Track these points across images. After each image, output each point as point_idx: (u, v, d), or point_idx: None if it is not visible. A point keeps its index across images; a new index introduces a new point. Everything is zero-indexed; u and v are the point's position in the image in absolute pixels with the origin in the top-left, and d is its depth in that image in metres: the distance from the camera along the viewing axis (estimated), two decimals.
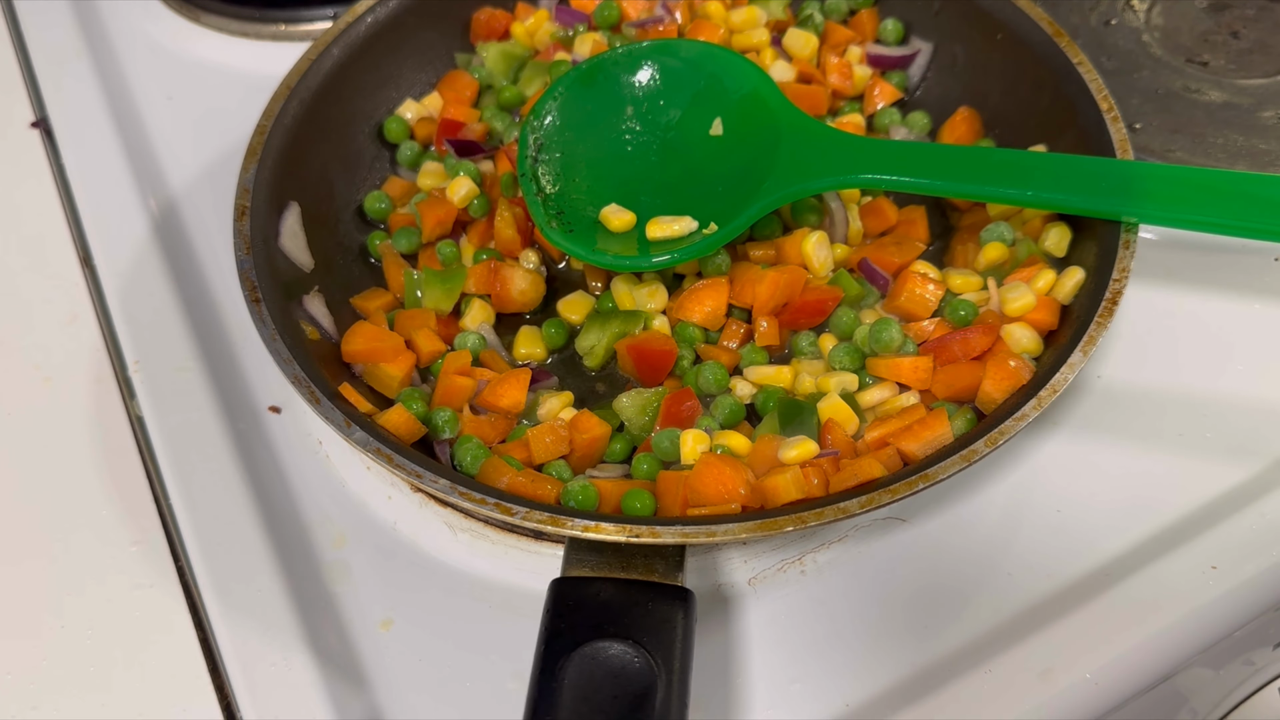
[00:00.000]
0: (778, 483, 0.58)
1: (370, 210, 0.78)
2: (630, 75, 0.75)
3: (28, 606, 0.65)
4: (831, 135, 0.70)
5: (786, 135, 0.70)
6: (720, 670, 0.60)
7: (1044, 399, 0.58)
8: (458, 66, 0.85)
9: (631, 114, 0.74)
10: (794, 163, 0.69)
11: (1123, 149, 0.67)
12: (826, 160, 0.68)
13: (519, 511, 0.55)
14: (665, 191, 0.72)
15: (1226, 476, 0.65)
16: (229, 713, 0.60)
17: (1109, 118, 0.68)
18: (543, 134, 0.73)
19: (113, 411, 0.73)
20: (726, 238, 0.67)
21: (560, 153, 0.73)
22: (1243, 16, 0.87)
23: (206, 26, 0.96)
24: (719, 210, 0.69)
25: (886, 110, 0.80)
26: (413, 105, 0.82)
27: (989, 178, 0.66)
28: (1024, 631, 0.60)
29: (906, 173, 0.67)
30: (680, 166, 0.73)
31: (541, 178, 0.71)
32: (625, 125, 0.74)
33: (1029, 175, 0.66)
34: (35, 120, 0.91)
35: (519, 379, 0.66)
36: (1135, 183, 0.64)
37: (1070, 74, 0.71)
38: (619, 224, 0.69)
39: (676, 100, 0.74)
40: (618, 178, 0.72)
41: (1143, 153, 0.77)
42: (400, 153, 0.81)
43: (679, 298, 0.70)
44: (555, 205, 0.71)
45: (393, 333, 0.69)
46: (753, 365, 0.68)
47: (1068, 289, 0.65)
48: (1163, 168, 0.66)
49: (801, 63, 0.80)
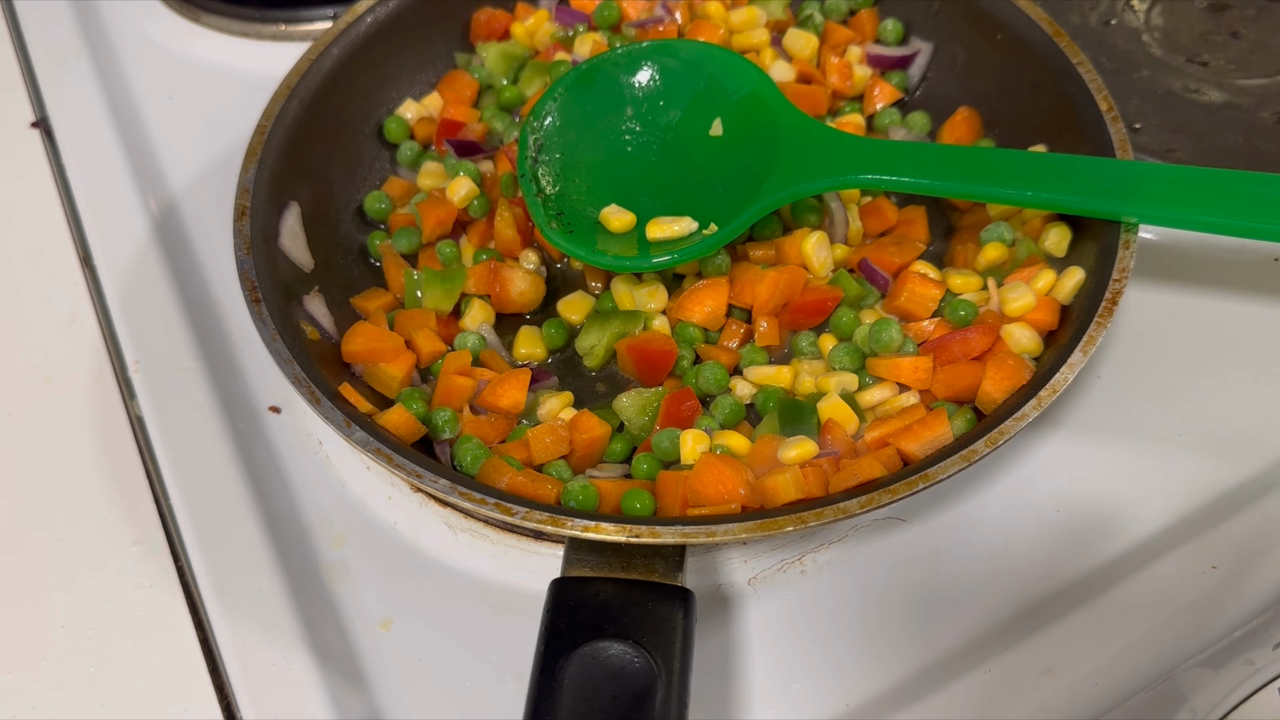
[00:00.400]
0: (777, 483, 0.58)
1: (370, 210, 0.78)
2: (630, 76, 0.75)
3: (28, 606, 0.65)
4: (832, 135, 0.70)
5: (786, 136, 0.70)
6: (720, 670, 0.61)
7: (1044, 399, 0.58)
8: (458, 66, 0.85)
9: (631, 114, 0.75)
10: (794, 163, 0.69)
11: (1123, 149, 0.67)
12: (826, 161, 0.68)
13: (519, 511, 0.55)
14: (665, 192, 0.72)
15: (1226, 476, 0.65)
16: (229, 713, 0.60)
17: (1109, 118, 0.68)
18: (542, 134, 0.73)
19: (113, 411, 0.73)
20: (727, 238, 0.67)
21: (560, 153, 0.73)
22: (1243, 16, 0.87)
23: (206, 26, 0.96)
24: (719, 211, 0.69)
25: (886, 110, 0.80)
26: (413, 105, 0.82)
27: (989, 178, 0.66)
28: (1024, 631, 0.60)
29: (906, 173, 0.67)
30: (680, 167, 0.73)
31: (541, 178, 0.71)
32: (625, 126, 0.74)
33: (1029, 175, 0.66)
34: (35, 120, 0.91)
35: (519, 379, 0.66)
36: (1135, 183, 0.64)
37: (1070, 74, 0.71)
38: (619, 225, 0.69)
39: (676, 100, 0.74)
40: (617, 178, 0.72)
41: (1143, 153, 0.77)
42: (400, 153, 0.81)
43: (679, 298, 0.70)
44: (555, 206, 0.71)
45: (393, 333, 0.69)
46: (753, 365, 0.68)
47: (1068, 289, 0.65)
48: (1163, 167, 0.66)
49: (801, 63, 0.80)
